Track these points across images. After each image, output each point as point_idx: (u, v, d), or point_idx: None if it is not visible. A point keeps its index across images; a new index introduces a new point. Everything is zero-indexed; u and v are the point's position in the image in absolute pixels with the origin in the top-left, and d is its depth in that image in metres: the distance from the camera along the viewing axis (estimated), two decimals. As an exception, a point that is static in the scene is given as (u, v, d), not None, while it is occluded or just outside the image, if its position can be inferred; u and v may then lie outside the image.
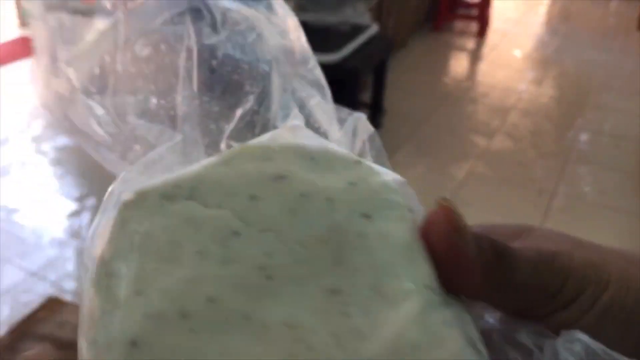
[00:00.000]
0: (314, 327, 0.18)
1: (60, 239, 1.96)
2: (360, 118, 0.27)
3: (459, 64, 3.69)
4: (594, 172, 2.46)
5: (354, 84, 2.26)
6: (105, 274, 0.20)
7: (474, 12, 4.16)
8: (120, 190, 0.22)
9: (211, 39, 0.27)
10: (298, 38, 0.28)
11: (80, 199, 2.18)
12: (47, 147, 2.55)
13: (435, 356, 0.18)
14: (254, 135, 0.25)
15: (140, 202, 0.21)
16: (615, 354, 0.20)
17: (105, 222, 0.21)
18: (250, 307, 0.19)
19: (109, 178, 0.23)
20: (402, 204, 0.21)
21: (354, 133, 0.27)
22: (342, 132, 0.26)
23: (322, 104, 0.27)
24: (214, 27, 0.27)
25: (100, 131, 0.26)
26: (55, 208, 2.14)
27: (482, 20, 4.05)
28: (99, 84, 0.27)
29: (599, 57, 3.76)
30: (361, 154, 0.25)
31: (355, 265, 0.20)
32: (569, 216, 2.16)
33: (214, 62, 0.27)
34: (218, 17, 0.27)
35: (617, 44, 4.05)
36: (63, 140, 2.59)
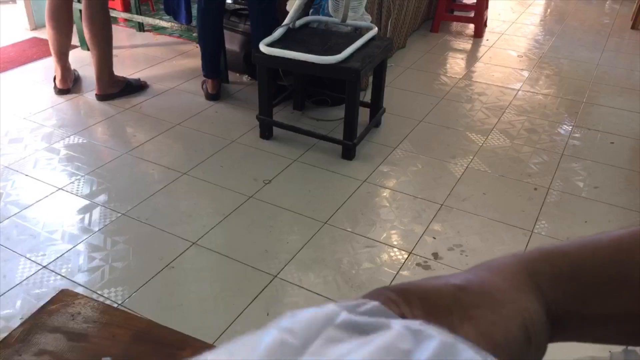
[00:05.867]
0: None
1: (71, 234, 2.01)
2: None
3: (456, 63, 3.74)
4: (588, 168, 2.51)
5: (355, 83, 2.31)
6: None
7: (471, 13, 4.22)
8: None
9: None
10: None
11: (90, 195, 2.23)
12: (58, 144, 2.60)
13: None
14: None
15: None
16: None
17: None
18: None
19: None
20: None
21: None
22: None
23: None
24: None
25: None
26: (66, 203, 2.19)
27: (479, 22, 4.11)
28: None
29: (593, 56, 3.81)
30: None
31: None
32: (564, 210, 2.22)
33: None
34: None
35: (612, 42, 4.10)
36: (75, 138, 2.64)
